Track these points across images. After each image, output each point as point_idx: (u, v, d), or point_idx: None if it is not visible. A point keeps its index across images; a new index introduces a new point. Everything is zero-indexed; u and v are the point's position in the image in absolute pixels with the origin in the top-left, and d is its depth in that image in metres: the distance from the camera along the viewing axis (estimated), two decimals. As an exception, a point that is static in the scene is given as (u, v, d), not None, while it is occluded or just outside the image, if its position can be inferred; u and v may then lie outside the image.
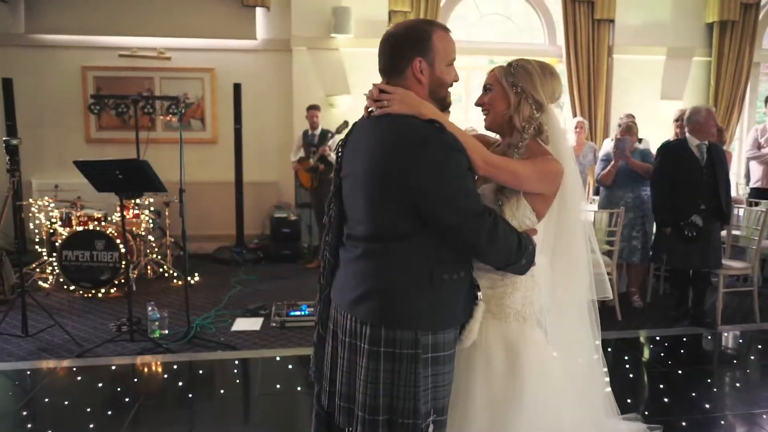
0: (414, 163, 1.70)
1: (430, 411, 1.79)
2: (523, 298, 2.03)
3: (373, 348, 1.78)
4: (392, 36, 1.86)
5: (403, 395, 1.76)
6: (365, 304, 1.80)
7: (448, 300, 1.82)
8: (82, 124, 7.39)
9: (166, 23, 7.27)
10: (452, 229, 1.75)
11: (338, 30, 7.27)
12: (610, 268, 5.11)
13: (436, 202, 1.71)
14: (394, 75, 1.86)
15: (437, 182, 1.70)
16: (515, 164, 1.91)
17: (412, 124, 1.75)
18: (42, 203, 6.06)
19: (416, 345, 1.76)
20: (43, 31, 7.18)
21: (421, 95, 1.84)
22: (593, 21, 7.85)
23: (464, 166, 1.75)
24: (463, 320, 1.90)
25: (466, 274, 1.88)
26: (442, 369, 1.82)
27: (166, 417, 3.53)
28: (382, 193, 1.76)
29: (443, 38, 1.85)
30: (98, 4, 7.16)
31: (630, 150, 5.31)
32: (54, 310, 5.22)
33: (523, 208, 1.96)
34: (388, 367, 1.77)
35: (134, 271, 5.90)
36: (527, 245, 1.87)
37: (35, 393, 3.73)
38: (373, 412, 1.77)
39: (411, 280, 1.77)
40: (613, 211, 5.14)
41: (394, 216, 1.76)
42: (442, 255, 1.79)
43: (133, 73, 7.35)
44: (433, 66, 1.83)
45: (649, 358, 4.45)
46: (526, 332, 2.02)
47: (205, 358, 4.30)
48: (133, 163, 4.28)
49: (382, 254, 1.80)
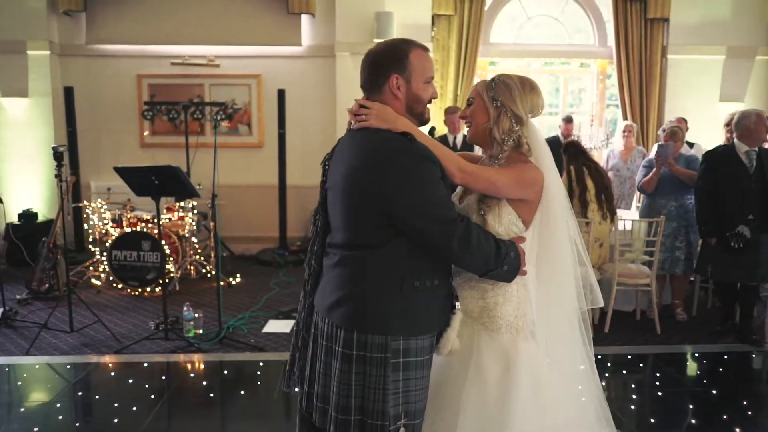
0: (386, 172, 1.79)
1: (400, 414, 1.85)
2: (516, 310, 2.05)
3: (346, 351, 1.86)
4: (372, 54, 1.95)
5: (372, 397, 1.83)
6: (340, 309, 1.89)
7: (421, 307, 1.88)
8: (137, 129, 7.74)
9: (216, 32, 7.52)
10: (424, 235, 1.81)
11: (380, 35, 7.30)
12: (649, 279, 4.92)
13: (407, 208, 1.79)
14: (373, 91, 1.94)
15: (407, 190, 1.78)
16: (491, 172, 1.96)
17: (386, 136, 1.84)
18: (95, 205, 6.39)
19: (386, 349, 1.83)
20: (102, 42, 7.57)
21: (399, 110, 1.92)
22: (646, 20, 7.57)
23: (435, 175, 1.82)
24: (438, 328, 1.95)
25: (441, 283, 1.92)
26: (414, 374, 1.87)
27: (185, 414, 3.67)
28: (357, 203, 1.85)
29: (420, 57, 1.92)
30: (153, 16, 7.49)
31: (674, 156, 5.09)
32: (102, 307, 5.51)
33: (507, 215, 1.99)
34: (360, 370, 1.84)
35: (178, 271, 6.12)
36: (508, 252, 1.91)
37: (70, 386, 3.96)
38: (346, 412, 1.85)
39: (383, 286, 1.85)
40: (652, 220, 4.94)
41: (369, 224, 1.84)
42: (414, 263, 1.85)
43: (185, 80, 7.64)
44: (410, 83, 1.91)
45: (684, 375, 4.26)
46: (518, 344, 2.03)
47: (232, 359, 4.42)
48: (167, 170, 4.45)
49: (357, 261, 1.88)
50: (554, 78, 8.42)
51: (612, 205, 5.14)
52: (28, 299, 5.70)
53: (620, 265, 4.93)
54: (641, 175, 5.29)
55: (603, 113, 8.14)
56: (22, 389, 3.92)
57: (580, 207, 5.04)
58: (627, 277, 4.95)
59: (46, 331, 4.79)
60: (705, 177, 4.79)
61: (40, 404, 3.71)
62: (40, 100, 7.36)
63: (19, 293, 5.79)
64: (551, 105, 8.68)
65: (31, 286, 5.78)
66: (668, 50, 7.64)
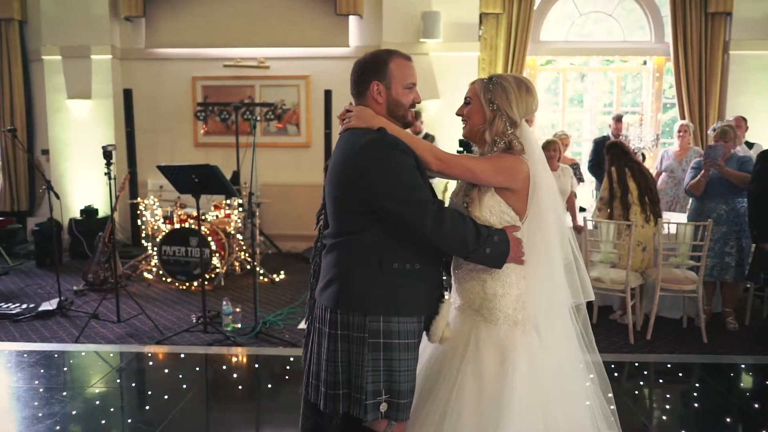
0: (360, 163, 1.96)
1: (380, 391, 1.98)
2: (515, 302, 2.08)
3: (331, 331, 2.03)
4: (358, 62, 2.13)
5: (356, 373, 1.99)
6: (326, 291, 2.06)
7: (402, 289, 2.00)
8: (191, 129, 8.04)
9: (266, 34, 7.72)
10: (400, 219, 1.94)
11: (427, 35, 7.30)
12: (695, 286, 4.70)
13: (381, 194, 1.94)
14: (359, 96, 2.13)
15: (380, 177, 1.93)
16: (469, 160, 2.07)
17: (361, 132, 2.02)
18: (148, 202, 6.67)
19: (363, 329, 1.97)
20: (160, 46, 7.91)
21: (381, 114, 2.08)
22: (706, 15, 7.22)
23: (407, 163, 1.95)
24: (424, 313, 2.06)
25: (423, 266, 2.03)
26: (398, 356, 1.98)
27: (212, 406, 3.79)
28: (339, 194, 2.03)
29: (400, 65, 2.08)
30: (207, 20, 7.77)
31: (725, 157, 4.84)
32: (150, 299, 5.76)
33: (495, 204, 2.05)
34: (345, 348, 2.01)
35: (224, 267, 6.32)
36: (490, 235, 1.99)
37: (109, 374, 4.16)
38: (334, 387, 2.02)
39: (362, 268, 2.00)
40: (698, 224, 4.71)
41: (351, 213, 2.01)
42: (393, 245, 1.99)
43: (237, 82, 7.87)
44: (390, 89, 2.07)
45: (725, 387, 4.04)
46: (516, 336, 2.07)
47: (265, 353, 4.53)
48: (206, 169, 4.61)
49: (341, 246, 2.05)
50: (609, 76, 8.16)
51: (657, 208, 4.95)
52: (84, 290, 6.03)
53: (664, 270, 4.74)
54: (689, 177, 5.06)
55: (658, 112, 7.82)
56: (65, 375, 4.15)
57: (621, 209, 4.88)
58: (671, 283, 4.74)
59: (95, 320, 5.06)
60: (758, 179, 4.54)
61: (80, 390, 3.92)
62: (102, 102, 7.76)
63: (77, 284, 6.14)
64: (606, 104, 8.42)
65: (87, 278, 6.11)
66: (730, 46, 7.25)
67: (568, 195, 5.34)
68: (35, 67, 7.96)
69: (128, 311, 5.25)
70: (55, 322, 5.14)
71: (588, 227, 4.88)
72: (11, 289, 6.18)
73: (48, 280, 6.38)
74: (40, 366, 4.22)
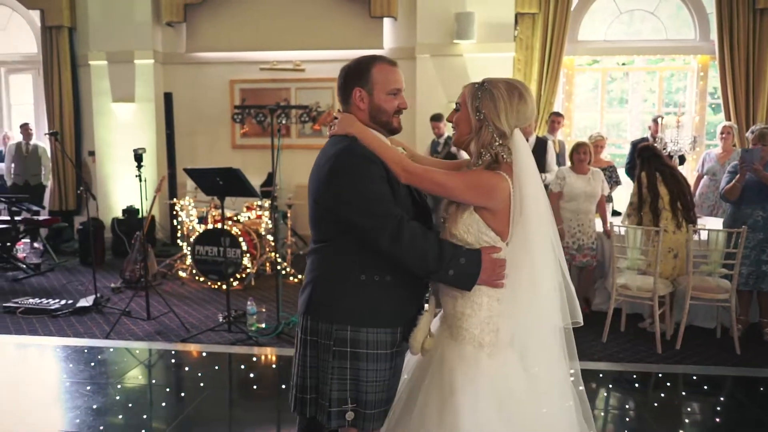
0: (329, 171, 1.94)
1: (346, 399, 1.98)
2: (483, 324, 1.98)
3: (302, 336, 2.07)
4: (342, 69, 2.11)
5: (322, 379, 2.00)
6: (302, 296, 2.10)
7: (371, 300, 1.97)
8: (229, 131, 8.22)
9: (302, 37, 7.82)
10: (357, 229, 1.92)
11: (461, 36, 7.24)
12: (728, 295, 4.50)
13: (341, 203, 1.92)
14: (344, 103, 2.11)
15: (343, 185, 1.91)
16: (440, 174, 1.95)
17: (337, 140, 2.01)
18: (184, 202, 6.86)
19: (329, 337, 1.97)
20: (199, 50, 8.13)
21: (363, 120, 2.04)
22: (754, 11, 6.92)
23: (372, 173, 1.91)
24: (396, 325, 2.02)
25: (395, 280, 1.98)
26: (365, 366, 1.96)
27: (228, 404, 3.86)
28: (313, 202, 2.05)
29: (383, 70, 2.03)
30: (244, 24, 7.93)
31: (762, 161, 4.62)
32: (182, 298, 5.93)
33: (475, 222, 1.94)
34: (313, 353, 2.03)
35: (254, 267, 6.43)
36: (456, 256, 1.90)
37: (133, 370, 4.30)
38: (303, 391, 2.06)
39: (333, 275, 2.00)
40: (731, 231, 4.51)
41: (324, 220, 2.01)
42: (362, 257, 1.96)
43: (273, 85, 8.01)
44: (372, 95, 2.03)
45: (752, 400, 3.84)
46: (480, 358, 1.97)
47: (284, 353, 4.59)
48: (229, 171, 4.70)
49: (317, 253, 2.06)
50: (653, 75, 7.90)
51: (690, 214, 4.76)
52: (120, 288, 6.25)
53: (695, 278, 4.56)
54: (725, 181, 4.84)
55: (703, 113, 7.52)
56: (91, 370, 4.30)
57: (651, 216, 4.72)
58: (703, 291, 4.55)
59: (126, 317, 5.23)
60: (797, 184, 4.31)
61: (103, 384, 4.06)
62: (144, 105, 8.03)
63: (115, 282, 6.37)
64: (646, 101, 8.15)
65: (124, 275, 6.34)
66: (780, 43, 6.93)
67: (599, 198, 5.21)
68: (83, 72, 8.32)
69: (159, 309, 5.41)
70: (90, 318, 5.36)
71: (615, 232, 4.74)
72: (54, 286, 6.48)
73: (89, 277, 6.61)
74: (69, 360, 4.40)
